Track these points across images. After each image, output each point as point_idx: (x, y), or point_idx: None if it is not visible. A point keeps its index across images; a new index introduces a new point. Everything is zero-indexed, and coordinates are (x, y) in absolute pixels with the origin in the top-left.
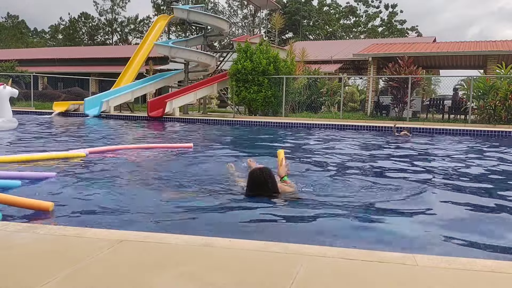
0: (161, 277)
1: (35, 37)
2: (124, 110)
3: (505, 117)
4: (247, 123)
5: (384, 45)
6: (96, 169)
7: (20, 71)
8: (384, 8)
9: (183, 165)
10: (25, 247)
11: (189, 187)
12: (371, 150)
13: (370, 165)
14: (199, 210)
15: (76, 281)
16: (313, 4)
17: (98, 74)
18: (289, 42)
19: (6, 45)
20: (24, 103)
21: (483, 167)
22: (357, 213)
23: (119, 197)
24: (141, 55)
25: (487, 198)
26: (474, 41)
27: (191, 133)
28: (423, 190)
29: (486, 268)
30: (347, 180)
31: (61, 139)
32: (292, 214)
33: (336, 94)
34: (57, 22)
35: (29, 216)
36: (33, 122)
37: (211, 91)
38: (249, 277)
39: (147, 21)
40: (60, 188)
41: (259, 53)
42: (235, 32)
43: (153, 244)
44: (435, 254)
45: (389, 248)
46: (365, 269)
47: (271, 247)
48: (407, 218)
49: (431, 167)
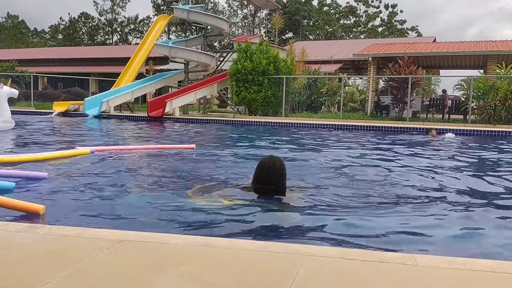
0: (161, 277)
1: (35, 37)
2: (124, 110)
3: (505, 117)
4: (247, 123)
5: (384, 45)
6: (96, 169)
7: (20, 71)
8: (384, 8)
9: (183, 165)
10: (25, 247)
11: (189, 186)
12: (372, 150)
13: (370, 165)
14: (199, 210)
15: (76, 281)
16: (313, 4)
17: (98, 74)
18: (289, 42)
19: (6, 45)
20: (24, 103)
21: (483, 167)
22: (357, 213)
23: (119, 197)
24: (141, 55)
25: (487, 198)
26: (474, 41)
27: (191, 133)
28: (423, 190)
29: (486, 268)
30: (347, 180)
31: (61, 139)
32: (292, 214)
33: (336, 94)
34: (57, 22)
35: (29, 216)
36: (33, 122)
37: (211, 91)
38: (249, 277)
39: (147, 21)
40: (59, 188)
41: (259, 53)
42: (235, 32)
43: (153, 244)
44: (435, 254)
45: (389, 248)
46: (365, 269)
47: (271, 247)
48: (407, 218)
49: (431, 167)
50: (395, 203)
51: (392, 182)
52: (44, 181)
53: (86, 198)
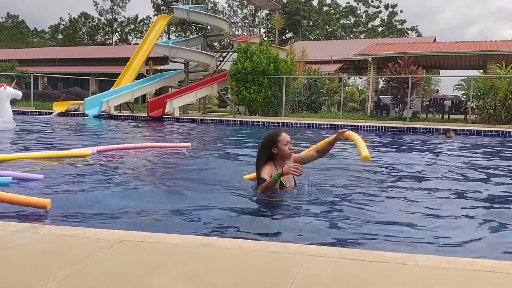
0: (161, 277)
1: (35, 37)
2: (124, 110)
3: (505, 117)
4: (247, 123)
5: (384, 45)
6: (95, 168)
7: (20, 71)
8: (384, 8)
9: (183, 165)
10: (25, 247)
11: (189, 186)
12: (374, 149)
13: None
14: (199, 210)
15: (76, 281)
16: (313, 4)
17: (98, 74)
18: (289, 42)
19: (6, 45)
20: (24, 103)
21: (483, 166)
22: (357, 213)
23: (119, 197)
24: (141, 55)
25: (487, 198)
26: (474, 41)
27: (191, 133)
28: (422, 190)
29: (486, 268)
30: (347, 179)
31: (62, 139)
32: (292, 214)
33: (336, 94)
34: (57, 22)
35: (29, 216)
36: (33, 122)
37: (211, 91)
38: (249, 277)
39: (147, 21)
40: (59, 188)
41: (259, 53)
42: (235, 32)
43: (153, 244)
44: (435, 254)
45: (389, 248)
46: (365, 269)
47: (271, 247)
48: (407, 218)
49: (431, 167)
50: (395, 203)
51: (392, 181)
52: (44, 181)
53: (86, 198)
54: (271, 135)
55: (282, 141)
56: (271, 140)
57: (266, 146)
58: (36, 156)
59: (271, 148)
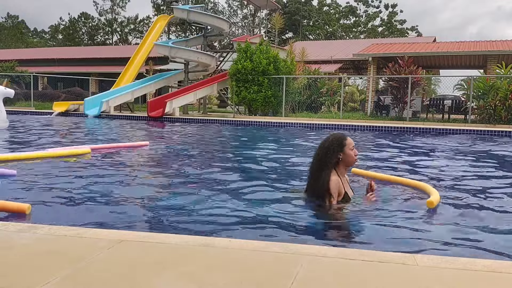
0: (161, 277)
1: (35, 37)
2: (124, 110)
3: (505, 117)
4: (247, 123)
5: (384, 45)
6: (95, 168)
7: (20, 71)
8: (384, 8)
9: (183, 165)
10: (25, 247)
11: (188, 186)
12: (373, 150)
13: (371, 165)
14: (199, 210)
15: (76, 281)
16: (313, 4)
17: (98, 74)
18: (289, 42)
19: (6, 45)
20: (24, 103)
21: (483, 166)
22: (358, 213)
23: (119, 197)
24: (141, 55)
25: (487, 198)
26: (474, 41)
27: (191, 133)
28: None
29: (486, 268)
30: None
31: (61, 139)
32: (292, 214)
33: (336, 94)
34: (57, 22)
35: (28, 215)
36: (33, 122)
37: (211, 91)
38: (249, 277)
39: (147, 21)
40: (59, 187)
41: (259, 53)
42: (235, 32)
43: (153, 244)
44: (435, 254)
45: (389, 248)
46: (365, 269)
47: (271, 247)
48: (407, 218)
49: (430, 166)
50: (395, 203)
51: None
52: (44, 180)
53: (86, 198)
54: (337, 138)
55: (349, 145)
56: (338, 144)
57: (332, 151)
58: (35, 156)
59: (337, 153)
